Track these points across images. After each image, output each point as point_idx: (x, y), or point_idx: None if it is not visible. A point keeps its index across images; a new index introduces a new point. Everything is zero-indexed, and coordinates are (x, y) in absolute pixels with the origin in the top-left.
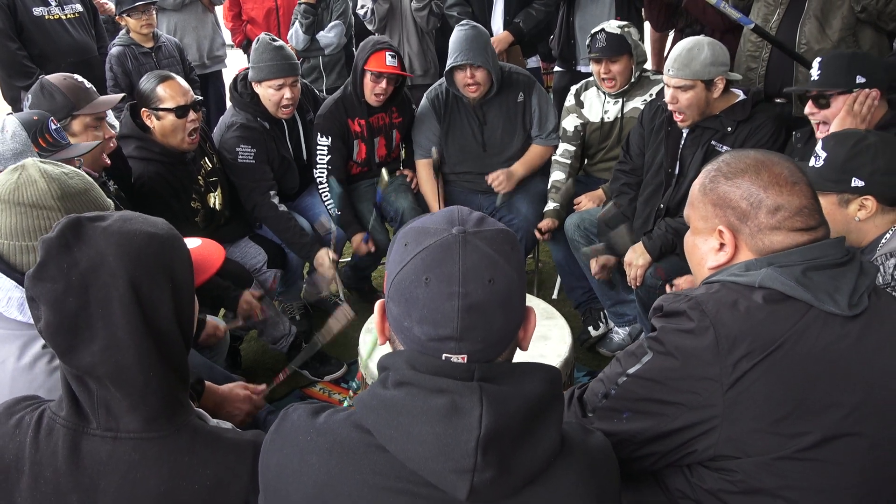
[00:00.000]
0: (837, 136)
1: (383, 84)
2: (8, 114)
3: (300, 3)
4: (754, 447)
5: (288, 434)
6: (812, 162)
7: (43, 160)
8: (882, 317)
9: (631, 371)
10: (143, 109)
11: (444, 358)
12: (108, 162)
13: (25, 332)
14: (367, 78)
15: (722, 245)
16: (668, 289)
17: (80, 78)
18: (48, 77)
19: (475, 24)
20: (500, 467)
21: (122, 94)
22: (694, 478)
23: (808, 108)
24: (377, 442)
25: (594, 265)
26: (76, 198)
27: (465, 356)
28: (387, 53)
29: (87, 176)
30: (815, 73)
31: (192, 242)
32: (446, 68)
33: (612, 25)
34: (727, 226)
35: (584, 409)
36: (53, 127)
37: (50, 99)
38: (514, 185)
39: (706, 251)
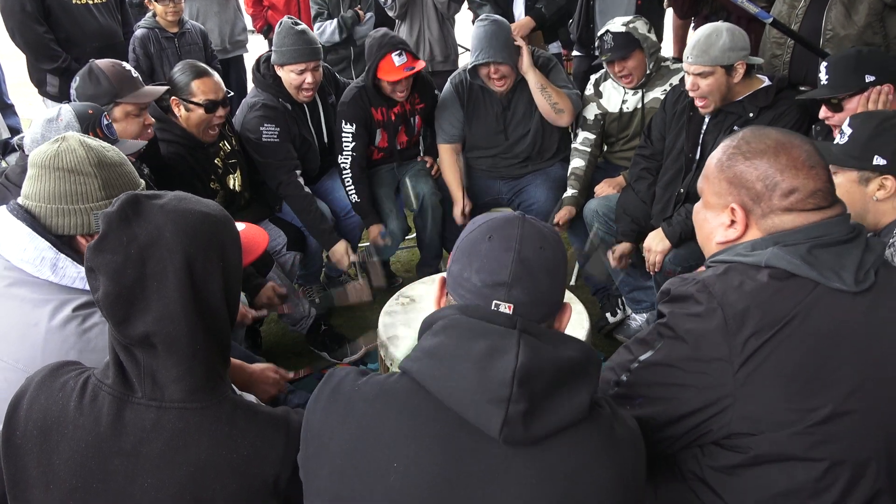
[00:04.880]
0: (864, 114)
1: (402, 84)
2: (65, 102)
3: (347, 9)
4: (768, 423)
5: (337, 385)
6: (837, 138)
7: (82, 134)
8: (891, 292)
9: (643, 358)
10: (174, 98)
11: (493, 305)
12: (142, 150)
13: (56, 296)
14: (384, 85)
15: (732, 222)
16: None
17: (128, 66)
18: (98, 62)
19: (495, 17)
20: (532, 403)
21: (167, 87)
22: (705, 457)
23: (823, 113)
24: (420, 388)
25: (611, 258)
26: (112, 168)
27: (512, 306)
28: (392, 55)
29: (121, 153)
30: (823, 77)
31: (238, 226)
32: (468, 66)
33: (616, 24)
34: (740, 204)
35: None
36: (105, 122)
37: (96, 84)
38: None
39: (716, 226)
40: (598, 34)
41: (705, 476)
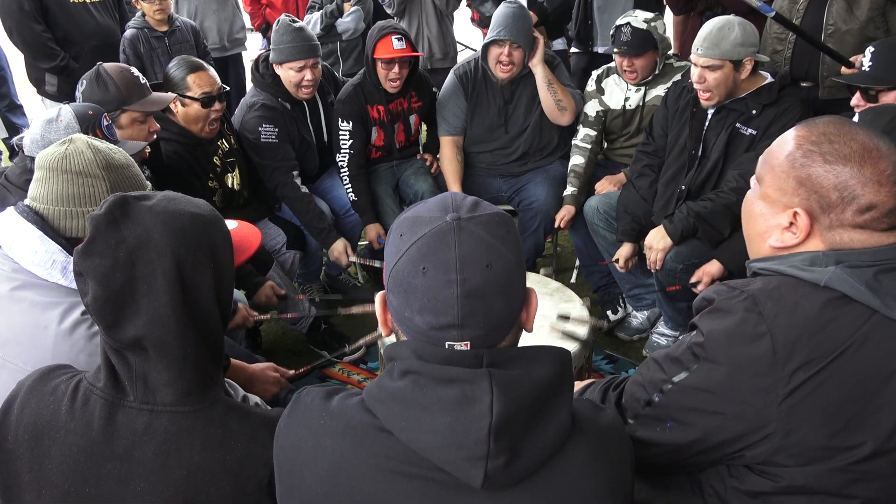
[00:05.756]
0: (876, 110)
1: (396, 69)
2: (66, 103)
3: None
4: (807, 457)
5: (302, 417)
6: None
7: (90, 136)
8: None
9: (677, 379)
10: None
11: (447, 346)
12: (147, 154)
13: (66, 299)
14: (379, 66)
15: (791, 224)
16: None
17: (136, 72)
18: (107, 65)
19: (522, 4)
20: (513, 452)
21: (175, 96)
22: (732, 478)
23: (855, 100)
24: (387, 428)
25: (619, 266)
26: (119, 170)
27: (468, 343)
28: (392, 37)
29: (127, 154)
30: (866, 62)
31: (230, 224)
32: (485, 41)
33: (639, 20)
34: (806, 209)
35: (625, 414)
36: (105, 123)
37: (104, 89)
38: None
39: (773, 226)
40: (617, 23)
41: (728, 497)
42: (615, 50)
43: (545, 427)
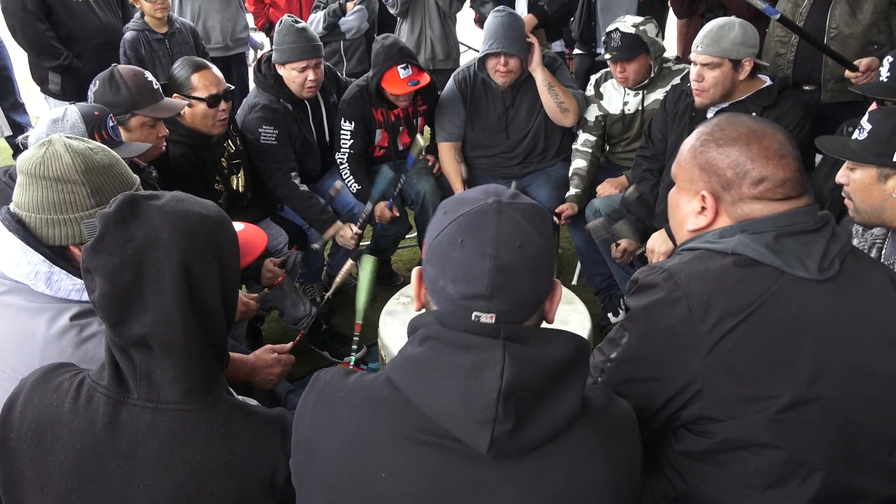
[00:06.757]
0: (885, 111)
1: (406, 95)
2: (72, 103)
3: (335, 2)
4: (735, 410)
5: (321, 391)
6: (856, 134)
7: (70, 136)
8: (856, 280)
9: (613, 356)
10: (176, 95)
11: (473, 317)
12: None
13: (53, 305)
14: (387, 94)
15: (703, 209)
16: None
17: (150, 77)
18: (121, 67)
19: (511, 10)
20: (519, 420)
21: (187, 102)
22: (677, 442)
23: (872, 109)
24: (405, 397)
25: (615, 251)
26: (100, 172)
27: (494, 316)
28: (398, 68)
29: (112, 151)
30: (884, 72)
31: (237, 226)
32: (479, 54)
33: (627, 24)
34: (710, 191)
35: None
36: (111, 124)
37: (115, 91)
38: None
39: (688, 213)
40: (607, 30)
41: (678, 463)
42: (607, 56)
43: (554, 403)
